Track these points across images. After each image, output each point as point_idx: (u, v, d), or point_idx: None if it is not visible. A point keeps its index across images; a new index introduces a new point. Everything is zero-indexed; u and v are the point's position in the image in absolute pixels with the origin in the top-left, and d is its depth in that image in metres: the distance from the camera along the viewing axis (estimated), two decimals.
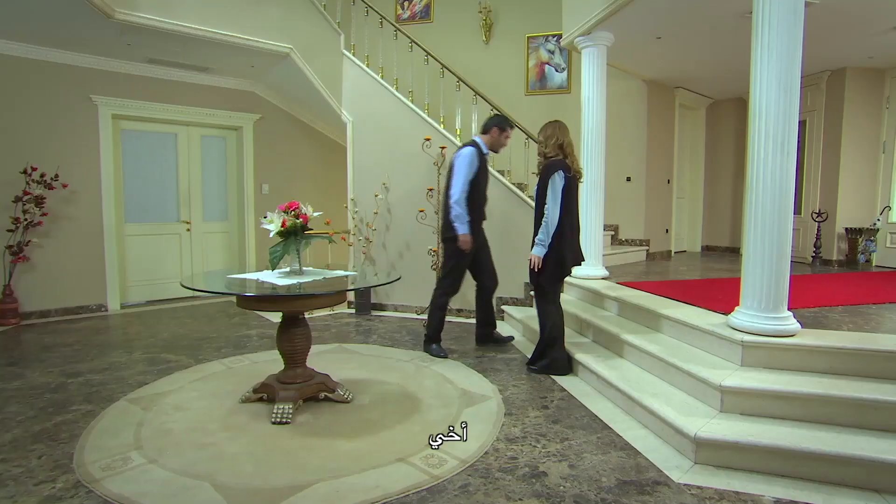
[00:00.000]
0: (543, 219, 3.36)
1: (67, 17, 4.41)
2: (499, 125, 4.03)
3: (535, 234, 3.44)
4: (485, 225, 4.19)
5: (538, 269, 3.43)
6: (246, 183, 6.65)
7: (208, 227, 6.63)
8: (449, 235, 3.91)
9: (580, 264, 3.59)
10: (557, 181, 3.30)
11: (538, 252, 3.40)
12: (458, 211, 3.80)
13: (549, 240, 3.35)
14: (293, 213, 2.93)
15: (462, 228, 3.81)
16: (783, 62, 2.62)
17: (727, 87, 6.69)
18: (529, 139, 5.26)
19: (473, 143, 3.98)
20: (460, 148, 4.00)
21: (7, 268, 4.99)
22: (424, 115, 5.49)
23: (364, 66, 5.78)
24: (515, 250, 5.00)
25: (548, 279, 3.45)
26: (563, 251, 3.35)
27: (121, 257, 5.86)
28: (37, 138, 5.20)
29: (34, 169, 5.05)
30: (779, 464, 2.23)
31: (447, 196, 3.90)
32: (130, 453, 2.45)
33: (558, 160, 3.35)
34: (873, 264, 5.69)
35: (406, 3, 7.06)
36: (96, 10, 4.20)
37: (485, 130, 4.04)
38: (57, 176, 5.16)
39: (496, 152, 4.15)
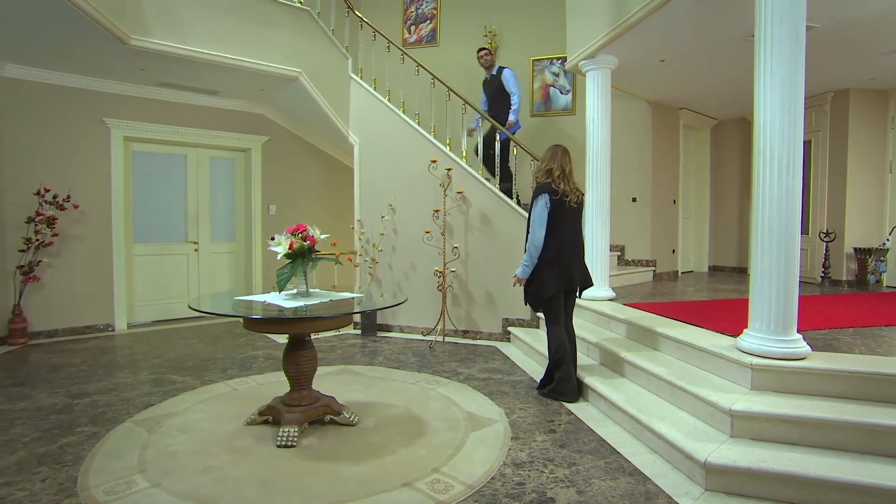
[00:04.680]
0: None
1: (83, 44, 4.53)
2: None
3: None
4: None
5: (525, 289, 3.53)
6: (253, 204, 6.71)
7: (216, 248, 6.68)
8: None
9: (575, 287, 3.49)
10: (540, 204, 3.38)
11: (520, 272, 3.48)
12: None
13: (531, 261, 3.42)
14: (300, 235, 2.96)
15: None
16: (786, 86, 2.64)
17: (731, 107, 6.73)
18: (534, 160, 5.29)
19: None
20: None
21: (17, 287, 5.04)
22: (431, 138, 5.55)
23: (371, 90, 5.86)
24: None
25: (532, 300, 3.51)
26: (545, 273, 3.39)
27: (129, 277, 5.90)
28: (50, 160, 5.30)
29: (47, 190, 5.13)
30: (791, 491, 2.19)
31: None
32: (135, 476, 2.44)
33: (544, 184, 3.44)
34: (884, 285, 5.64)
35: (413, 28, 7.20)
36: (112, 36, 4.31)
37: None
38: (69, 197, 5.24)
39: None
